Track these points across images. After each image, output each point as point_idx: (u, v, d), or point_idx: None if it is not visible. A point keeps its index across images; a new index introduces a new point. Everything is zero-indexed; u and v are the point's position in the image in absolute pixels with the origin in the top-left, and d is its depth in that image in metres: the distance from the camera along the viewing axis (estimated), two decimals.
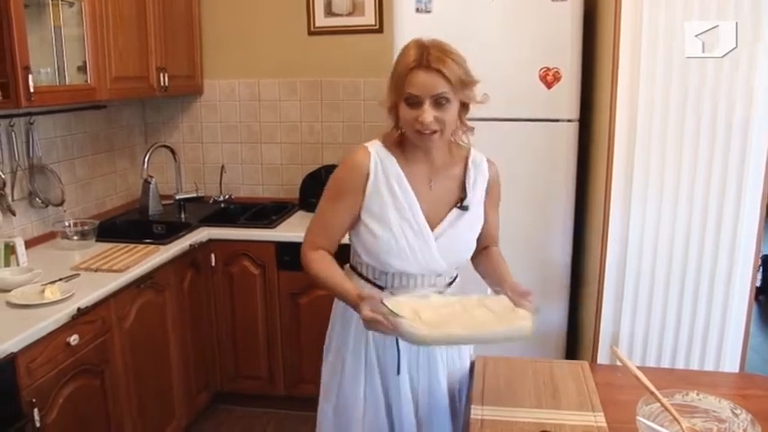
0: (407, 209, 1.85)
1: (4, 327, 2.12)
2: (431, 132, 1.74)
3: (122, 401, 2.60)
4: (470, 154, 1.93)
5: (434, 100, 1.72)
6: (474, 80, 1.79)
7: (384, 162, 1.86)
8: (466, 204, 1.89)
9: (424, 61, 1.72)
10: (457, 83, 1.73)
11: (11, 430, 2.01)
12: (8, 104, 2.50)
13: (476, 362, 1.98)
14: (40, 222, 3.15)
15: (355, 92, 3.74)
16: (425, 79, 1.71)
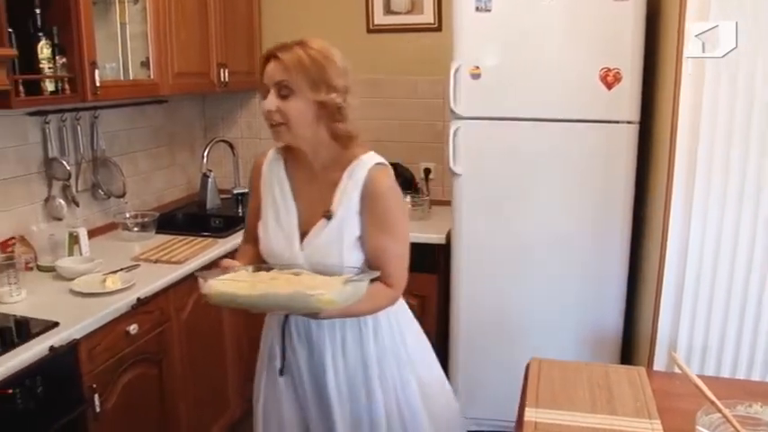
0: (284, 213, 1.86)
1: (67, 314, 2.18)
2: (276, 124, 1.73)
3: (178, 391, 2.65)
4: (355, 161, 1.80)
5: (277, 89, 1.71)
6: (333, 84, 1.73)
7: (272, 165, 1.90)
8: (329, 213, 1.79)
9: (275, 52, 1.73)
10: (300, 79, 1.69)
11: (73, 414, 2.07)
12: (75, 98, 2.57)
13: (530, 364, 1.96)
14: (102, 213, 3.24)
15: (412, 90, 3.73)
16: (270, 68, 1.72)
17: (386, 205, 1.79)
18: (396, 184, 1.83)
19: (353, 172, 1.78)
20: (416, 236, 3.16)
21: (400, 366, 1.92)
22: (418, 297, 3.24)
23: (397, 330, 1.94)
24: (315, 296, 1.59)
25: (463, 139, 2.95)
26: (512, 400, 2.72)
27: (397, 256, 1.83)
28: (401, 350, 1.93)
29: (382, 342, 1.89)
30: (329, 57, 1.74)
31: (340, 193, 1.79)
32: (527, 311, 3.03)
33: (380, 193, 1.78)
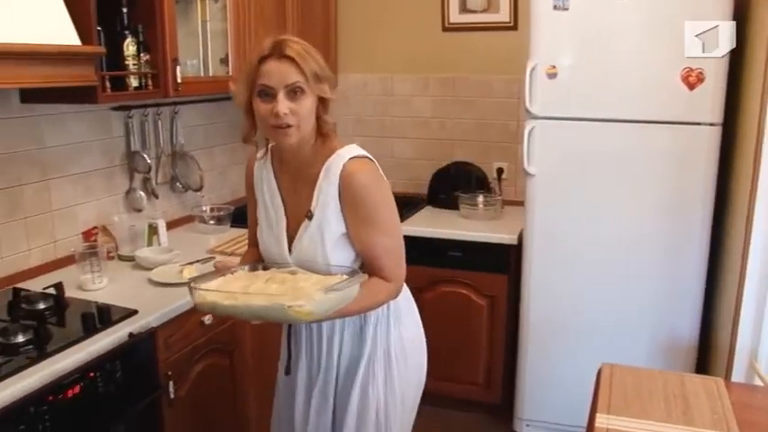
0: (273, 215, 1.85)
1: (146, 302, 2.26)
2: (286, 126, 1.67)
3: (249, 382, 2.70)
4: (333, 156, 1.75)
5: (288, 90, 1.66)
6: (329, 75, 1.73)
7: (261, 165, 1.89)
8: (310, 214, 1.77)
9: (277, 50, 1.66)
10: (311, 75, 1.66)
11: (148, 399, 2.14)
12: (158, 94, 2.65)
13: (602, 369, 1.93)
14: (180, 206, 3.33)
15: (488, 89, 3.70)
16: (279, 68, 1.65)
17: (365, 199, 1.73)
18: (376, 175, 1.76)
19: (330, 168, 1.74)
20: (487, 235, 3.17)
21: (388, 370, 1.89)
22: (488, 297, 3.23)
23: (396, 331, 1.91)
24: (293, 308, 1.54)
25: (538, 139, 2.92)
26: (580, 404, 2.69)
27: (387, 248, 1.77)
28: (393, 353, 1.90)
29: (378, 341, 1.87)
30: (315, 49, 1.73)
31: (318, 190, 1.75)
32: (598, 315, 2.97)
33: (357, 187, 1.72)
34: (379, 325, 1.85)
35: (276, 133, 1.71)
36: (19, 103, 2.44)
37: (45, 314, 2.17)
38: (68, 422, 1.88)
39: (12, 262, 2.48)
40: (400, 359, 1.90)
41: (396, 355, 1.89)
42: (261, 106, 1.69)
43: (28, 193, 2.52)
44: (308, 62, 1.66)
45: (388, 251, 1.77)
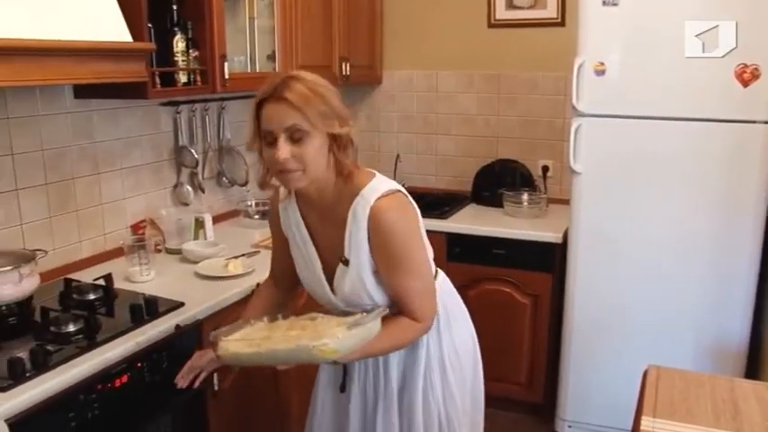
0: (308, 258, 1.81)
1: (192, 295, 2.29)
2: (292, 170, 1.57)
3: (291, 377, 2.72)
4: (357, 198, 1.65)
5: (288, 134, 1.55)
6: (340, 112, 1.59)
7: (287, 207, 1.82)
8: (346, 259, 1.71)
9: (275, 92, 1.56)
10: (313, 115, 1.54)
11: (193, 390, 2.17)
12: (206, 89, 2.69)
13: (648, 371, 1.89)
14: (226, 201, 3.37)
15: (533, 86, 3.67)
16: (276, 111, 1.55)
17: (394, 241, 1.65)
18: (403, 213, 1.68)
19: (356, 212, 1.65)
20: (532, 234, 3.14)
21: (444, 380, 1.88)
22: (531, 296, 3.21)
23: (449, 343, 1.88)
24: (317, 347, 1.51)
25: (585, 137, 2.88)
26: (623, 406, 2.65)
27: (417, 290, 1.71)
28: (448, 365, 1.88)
29: (431, 351, 1.85)
30: (327, 86, 1.61)
31: (348, 236, 1.68)
32: (644, 316, 2.92)
33: (385, 230, 1.64)
34: (430, 335, 1.83)
35: (283, 178, 1.63)
36: (72, 99, 2.50)
37: (95, 304, 2.22)
38: (116, 410, 1.92)
39: (64, 253, 2.54)
40: (455, 365, 1.89)
41: (451, 362, 1.88)
42: (266, 151, 1.61)
43: (80, 186, 2.58)
44: (309, 102, 1.55)
45: (418, 293, 1.71)
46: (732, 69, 2.61)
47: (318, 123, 1.55)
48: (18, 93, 2.31)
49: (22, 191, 2.37)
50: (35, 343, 1.89)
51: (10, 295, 2.07)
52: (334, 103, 1.59)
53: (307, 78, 1.59)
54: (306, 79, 1.58)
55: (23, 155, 2.36)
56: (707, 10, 2.62)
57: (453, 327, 1.90)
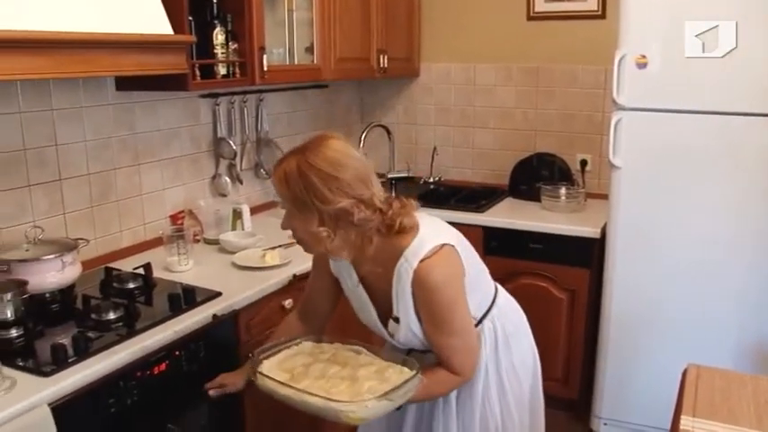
0: (362, 305, 1.83)
1: (229, 285, 2.32)
2: (296, 241, 1.71)
3: None
4: (401, 260, 1.66)
5: (282, 204, 1.69)
6: (330, 198, 1.56)
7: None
8: (396, 318, 1.75)
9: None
10: (288, 197, 1.62)
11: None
12: (245, 81, 2.71)
13: (688, 370, 1.86)
14: (263, 192, 3.40)
15: (572, 80, 3.62)
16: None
17: (437, 303, 1.66)
18: (446, 272, 1.66)
19: (400, 275, 1.67)
20: (569, 228, 3.11)
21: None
22: (568, 291, 3.18)
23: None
24: (345, 412, 1.55)
25: (625, 131, 2.84)
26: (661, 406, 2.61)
27: (458, 348, 1.73)
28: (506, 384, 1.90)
29: (489, 371, 1.87)
30: (330, 170, 1.57)
31: (395, 296, 1.71)
32: (683, 314, 2.87)
33: (428, 293, 1.65)
34: (488, 356, 1.85)
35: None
36: (114, 91, 2.54)
37: (134, 293, 2.26)
38: (154, 397, 1.95)
39: (105, 242, 2.59)
40: (513, 383, 1.91)
41: (509, 379, 1.90)
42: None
43: (120, 177, 2.62)
44: (283, 185, 1.61)
45: (459, 350, 1.73)
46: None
47: (292, 206, 1.62)
48: (62, 85, 2.35)
49: (65, 181, 2.41)
50: (77, 330, 1.93)
51: (53, 283, 2.11)
52: (320, 189, 1.56)
53: (313, 156, 1.58)
54: (309, 157, 1.58)
55: (66, 146, 2.40)
56: (748, 6, 2.56)
57: (512, 346, 1.91)
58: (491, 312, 1.88)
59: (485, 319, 1.86)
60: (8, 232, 2.23)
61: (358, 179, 1.59)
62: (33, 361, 1.79)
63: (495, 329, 1.87)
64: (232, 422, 2.26)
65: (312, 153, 1.59)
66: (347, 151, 1.62)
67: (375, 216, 1.62)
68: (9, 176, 2.23)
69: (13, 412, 1.55)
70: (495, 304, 1.90)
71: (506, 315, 1.94)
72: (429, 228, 1.70)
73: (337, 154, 1.59)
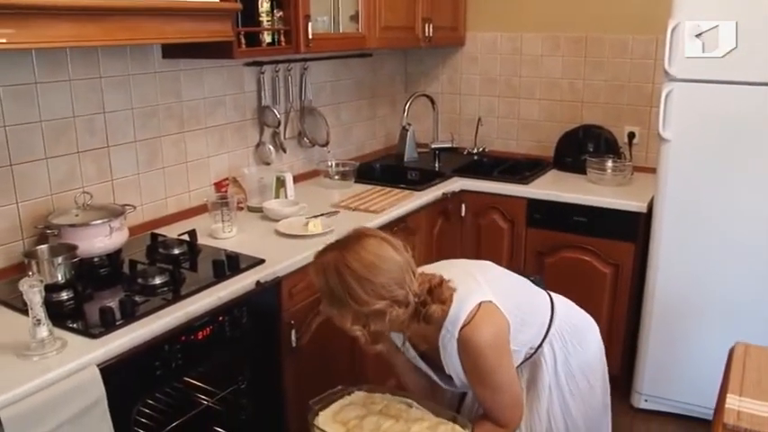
0: (417, 362, 1.90)
1: (272, 252, 2.34)
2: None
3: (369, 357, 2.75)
4: (443, 331, 1.71)
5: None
6: (362, 299, 1.59)
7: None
8: (449, 375, 1.82)
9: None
10: (324, 290, 1.66)
11: (271, 346, 2.23)
12: (289, 50, 2.71)
13: (735, 349, 1.83)
14: (306, 161, 3.41)
15: (622, 50, 3.53)
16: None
17: (483, 362, 1.70)
18: (488, 331, 1.69)
19: (445, 345, 1.73)
20: (615, 202, 3.07)
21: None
22: (612, 265, 3.14)
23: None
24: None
25: (676, 103, 2.76)
26: (704, 384, 2.58)
27: (503, 402, 1.77)
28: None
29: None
30: (365, 273, 1.60)
31: (444, 361, 1.78)
32: (730, 292, 2.82)
33: (474, 355, 1.69)
34: (551, 378, 1.92)
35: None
36: (161, 59, 2.56)
37: (179, 259, 2.29)
38: (198, 361, 1.99)
39: (151, 209, 2.63)
40: (578, 397, 1.96)
41: (573, 395, 1.95)
42: None
43: (166, 144, 2.65)
44: (322, 279, 1.65)
45: (504, 404, 1.77)
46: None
47: (331, 298, 1.65)
48: (109, 53, 2.38)
49: (113, 148, 2.45)
50: (124, 294, 1.97)
51: (101, 248, 2.16)
52: (355, 291, 1.59)
53: (350, 258, 1.61)
54: (347, 259, 1.61)
55: (114, 113, 2.43)
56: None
57: (574, 358, 1.95)
58: (548, 335, 1.90)
59: (543, 343, 1.89)
60: (58, 198, 2.28)
61: (393, 281, 1.62)
62: (83, 323, 1.83)
63: (554, 351, 1.91)
64: (271, 387, 2.30)
65: (349, 253, 1.62)
66: (383, 253, 1.64)
67: (408, 310, 1.66)
68: (59, 143, 2.27)
69: (65, 372, 1.59)
70: (553, 324, 1.91)
71: (565, 330, 1.95)
72: (463, 287, 1.73)
73: (372, 256, 1.62)
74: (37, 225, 2.17)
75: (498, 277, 1.89)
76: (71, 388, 1.58)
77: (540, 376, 1.91)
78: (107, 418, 1.66)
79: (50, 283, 1.91)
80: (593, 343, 2.02)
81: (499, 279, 1.87)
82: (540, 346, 1.89)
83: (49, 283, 1.87)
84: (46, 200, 2.25)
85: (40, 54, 2.16)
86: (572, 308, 2.04)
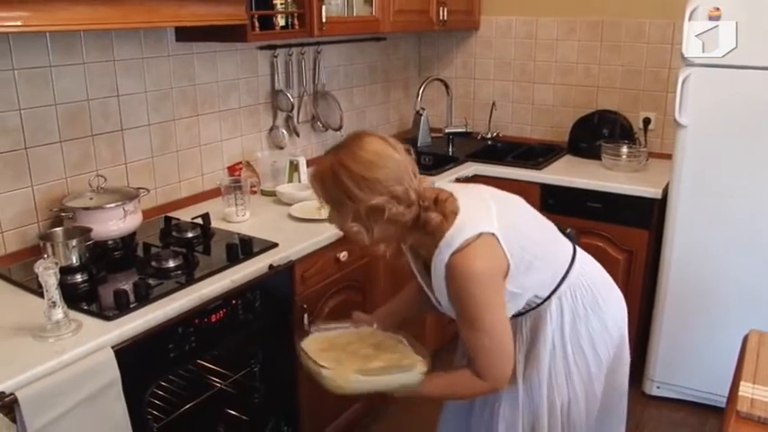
0: (423, 284, 1.83)
1: (286, 236, 2.34)
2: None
3: None
4: (436, 251, 1.63)
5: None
6: (357, 196, 1.56)
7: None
8: (438, 301, 1.76)
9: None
10: (321, 193, 1.64)
11: (283, 329, 2.24)
12: (303, 33, 2.70)
13: (749, 336, 1.81)
14: (319, 145, 3.40)
15: (639, 34, 3.50)
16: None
17: (466, 299, 1.61)
18: (480, 265, 1.59)
19: (436, 266, 1.64)
20: (630, 188, 3.05)
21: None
22: (626, 251, 3.12)
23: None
24: (326, 378, 1.69)
25: (693, 88, 2.73)
26: (716, 372, 2.57)
27: (485, 349, 1.65)
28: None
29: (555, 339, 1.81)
30: (361, 170, 1.57)
31: (434, 283, 1.70)
32: (744, 279, 2.80)
33: (458, 287, 1.61)
34: (555, 332, 1.80)
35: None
36: (174, 42, 2.56)
37: (193, 242, 2.30)
38: (211, 344, 2.00)
39: (164, 192, 2.64)
40: (579, 358, 1.83)
41: (578, 356, 1.82)
42: None
43: (180, 128, 2.65)
44: (316, 182, 1.64)
45: (486, 351, 1.65)
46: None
47: (330, 202, 1.64)
48: (123, 36, 2.38)
49: (126, 131, 2.46)
50: (138, 276, 1.98)
51: (115, 231, 2.17)
52: (345, 185, 1.57)
53: (347, 157, 1.59)
54: (344, 158, 1.59)
55: (128, 96, 2.44)
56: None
57: (580, 328, 1.81)
58: (559, 289, 1.78)
59: (552, 296, 1.77)
60: (73, 181, 2.29)
61: (391, 178, 1.58)
62: (97, 305, 1.85)
63: (562, 309, 1.78)
64: (284, 370, 2.31)
65: (345, 154, 1.59)
66: (382, 150, 1.60)
67: (410, 210, 1.61)
68: (74, 126, 2.28)
69: (80, 353, 1.61)
70: (567, 279, 1.79)
71: (581, 291, 1.81)
72: (468, 213, 1.63)
73: (369, 155, 1.58)
74: (52, 208, 2.18)
75: (517, 212, 1.77)
76: (86, 369, 1.59)
77: (542, 330, 1.79)
78: (121, 400, 1.68)
79: (65, 265, 1.93)
80: (609, 317, 1.86)
81: (517, 214, 1.76)
82: (548, 299, 1.77)
83: (63, 266, 1.89)
84: (60, 183, 2.26)
85: (54, 37, 2.16)
86: (598, 274, 1.90)
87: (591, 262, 1.91)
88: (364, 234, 1.63)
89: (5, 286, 1.98)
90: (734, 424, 1.49)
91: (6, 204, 2.12)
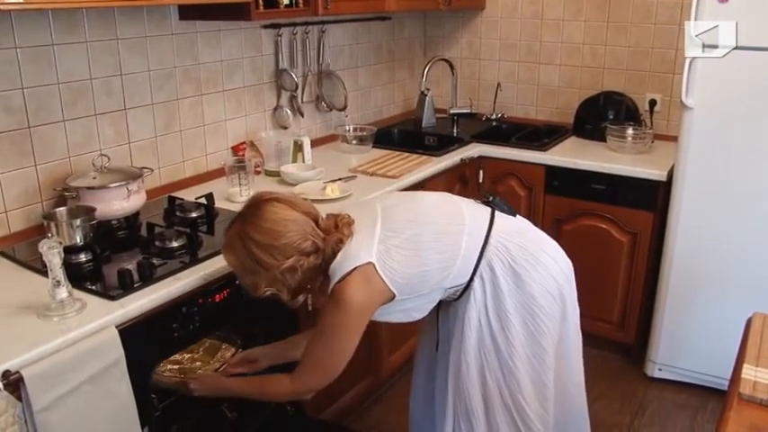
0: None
1: None
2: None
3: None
4: (329, 275, 1.73)
5: None
6: (270, 264, 1.65)
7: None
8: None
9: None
10: (235, 265, 1.72)
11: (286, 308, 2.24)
12: (307, 12, 2.68)
13: (753, 319, 1.81)
14: (324, 125, 3.39)
15: (646, 14, 3.46)
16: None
17: (337, 316, 1.69)
18: (359, 298, 1.67)
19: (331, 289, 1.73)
20: (635, 170, 3.04)
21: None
22: (630, 233, 3.12)
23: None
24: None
25: (700, 69, 2.71)
26: (719, 354, 2.56)
27: (320, 359, 1.77)
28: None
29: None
30: (268, 240, 1.65)
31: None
32: (748, 262, 2.79)
33: (334, 305, 1.69)
34: (480, 311, 1.83)
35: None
36: (178, 21, 2.54)
37: (197, 222, 2.30)
38: (215, 323, 2.01)
39: (168, 172, 2.63)
40: (511, 334, 1.82)
41: (504, 327, 1.82)
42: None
43: (183, 107, 2.64)
44: (231, 256, 1.72)
45: (320, 362, 1.77)
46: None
47: (244, 271, 1.71)
48: (126, 14, 2.36)
49: (130, 110, 2.45)
50: (141, 256, 1.98)
51: (119, 210, 2.17)
52: (257, 255, 1.65)
53: (252, 230, 1.66)
54: (249, 232, 1.66)
55: (131, 75, 2.43)
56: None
57: (505, 302, 1.81)
58: (478, 270, 1.78)
59: (474, 277, 1.79)
60: (77, 160, 2.29)
61: (298, 238, 1.67)
62: (101, 285, 1.85)
63: (483, 284, 1.80)
64: None
65: (249, 226, 1.67)
66: (283, 215, 1.68)
67: (318, 255, 1.70)
68: (77, 106, 2.27)
69: (84, 332, 1.61)
70: (483, 257, 1.78)
71: (502, 261, 1.80)
72: (357, 237, 1.73)
73: (271, 223, 1.66)
74: (55, 187, 2.18)
75: (407, 226, 1.76)
76: (91, 348, 1.60)
77: (468, 312, 1.82)
78: (126, 379, 1.69)
79: (69, 245, 1.93)
80: (537, 287, 1.80)
81: (407, 228, 1.75)
82: (471, 280, 1.79)
83: (67, 245, 1.89)
84: (64, 162, 2.26)
85: (56, 15, 2.15)
86: (522, 241, 1.84)
87: (514, 232, 1.85)
88: (282, 293, 1.72)
89: (10, 265, 1.99)
90: (736, 406, 1.49)
91: (10, 183, 2.12)
